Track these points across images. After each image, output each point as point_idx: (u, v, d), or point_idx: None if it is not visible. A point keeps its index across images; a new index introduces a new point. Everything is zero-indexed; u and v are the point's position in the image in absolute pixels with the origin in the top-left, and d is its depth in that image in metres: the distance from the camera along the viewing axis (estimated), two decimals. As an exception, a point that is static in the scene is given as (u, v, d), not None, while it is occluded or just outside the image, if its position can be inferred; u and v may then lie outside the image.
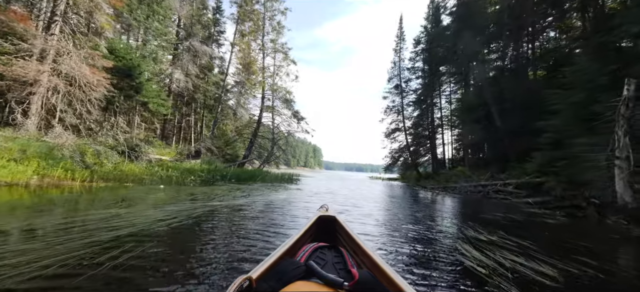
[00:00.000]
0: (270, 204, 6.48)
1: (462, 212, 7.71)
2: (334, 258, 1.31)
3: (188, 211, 4.79)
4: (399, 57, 29.40)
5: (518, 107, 14.34)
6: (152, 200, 6.32)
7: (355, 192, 12.31)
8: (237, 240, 3.39)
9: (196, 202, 5.99)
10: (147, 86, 14.35)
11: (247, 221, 4.48)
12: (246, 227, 4.07)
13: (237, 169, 16.21)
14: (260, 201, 6.84)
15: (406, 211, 7.37)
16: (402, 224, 5.37)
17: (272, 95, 26.67)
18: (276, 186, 12.23)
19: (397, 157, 29.67)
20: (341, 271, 1.19)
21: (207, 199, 6.61)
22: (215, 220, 4.42)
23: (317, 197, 8.82)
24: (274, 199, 7.35)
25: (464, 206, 9.22)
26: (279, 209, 5.97)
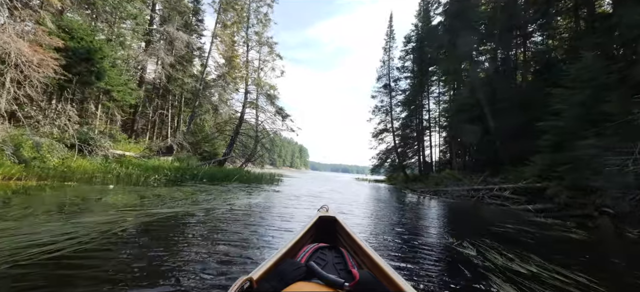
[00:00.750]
0: (235, 212, 5.27)
1: (463, 221, 6.77)
2: (334, 259, 1.30)
3: (109, 225, 3.53)
4: (389, 56, 28.67)
5: (513, 107, 13.71)
6: (79, 205, 5.00)
7: (340, 196, 11.24)
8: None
9: (137, 210, 4.72)
10: (111, 73, 12.75)
11: (185, 247, 3.02)
12: (178, 256, 2.70)
13: (213, 167, 14.82)
14: (224, 208, 5.62)
15: (398, 218, 6.35)
16: (396, 236, 4.32)
17: (256, 91, 25.36)
18: (253, 187, 10.98)
19: (385, 158, 28.92)
20: (342, 271, 1.17)
21: (157, 205, 5.33)
22: (137, 241, 3.19)
23: (297, 202, 7.68)
24: (244, 205, 6.14)
25: (462, 214, 8.30)
26: (245, 220, 4.78)
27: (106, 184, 8.02)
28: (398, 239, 4.27)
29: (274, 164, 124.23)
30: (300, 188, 13.33)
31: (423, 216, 7.32)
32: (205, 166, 13.57)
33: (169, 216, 4.46)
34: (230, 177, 12.19)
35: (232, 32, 23.74)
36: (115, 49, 13.93)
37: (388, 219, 6.18)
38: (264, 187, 11.66)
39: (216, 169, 13.56)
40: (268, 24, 24.81)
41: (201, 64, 21.19)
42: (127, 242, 3.02)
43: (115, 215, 4.13)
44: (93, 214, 4.21)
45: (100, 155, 9.99)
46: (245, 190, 9.35)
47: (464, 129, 16.68)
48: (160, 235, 3.42)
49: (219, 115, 23.37)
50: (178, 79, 21.63)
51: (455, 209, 8.96)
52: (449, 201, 11.50)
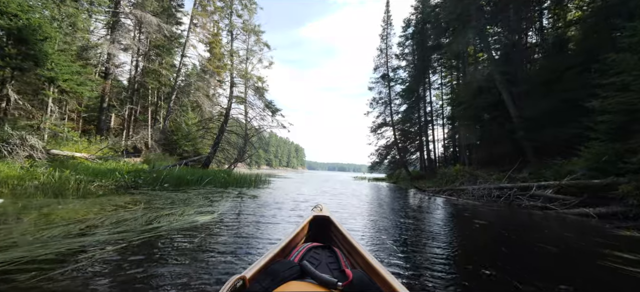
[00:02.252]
0: (135, 249, 3.06)
1: (521, 239, 4.59)
2: (327, 258, 1.30)
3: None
4: (386, 44, 26.49)
5: (539, 89, 11.62)
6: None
7: (339, 200, 9.06)
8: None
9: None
10: (56, 58, 10.42)
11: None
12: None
13: (186, 169, 12.52)
14: (136, 240, 3.39)
15: (429, 240, 4.17)
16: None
17: (245, 85, 23.12)
18: (226, 192, 8.75)
19: (385, 154, 26.77)
20: (335, 271, 1.17)
21: (39, 234, 3.10)
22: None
23: (278, 213, 5.50)
24: (182, 226, 3.93)
25: (507, 224, 6.13)
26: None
27: (18, 193, 5.75)
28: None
29: (270, 164, 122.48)
30: (288, 191, 11.11)
31: (462, 232, 5.16)
32: (175, 167, 11.29)
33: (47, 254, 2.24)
34: (201, 181, 9.94)
35: (214, 20, 21.44)
36: (63, 30, 11.59)
37: (419, 239, 4.01)
38: (243, 191, 9.42)
39: (189, 171, 11.29)
40: (254, 10, 22.59)
41: (180, 55, 18.84)
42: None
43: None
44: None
45: (23, 156, 7.68)
46: (211, 197, 7.11)
47: (476, 118, 14.59)
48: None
49: (201, 112, 21.04)
50: (154, 72, 19.28)
51: (489, 216, 6.81)
52: (471, 203, 9.37)
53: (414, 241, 3.97)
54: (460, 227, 5.52)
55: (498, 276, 2.62)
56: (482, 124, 14.72)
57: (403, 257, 3.13)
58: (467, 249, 3.80)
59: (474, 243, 4.19)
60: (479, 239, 4.49)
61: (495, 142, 14.31)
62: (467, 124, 15.55)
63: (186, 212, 4.71)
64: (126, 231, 3.39)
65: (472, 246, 3.99)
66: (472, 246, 3.99)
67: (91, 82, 13.24)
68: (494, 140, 14.26)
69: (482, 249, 3.92)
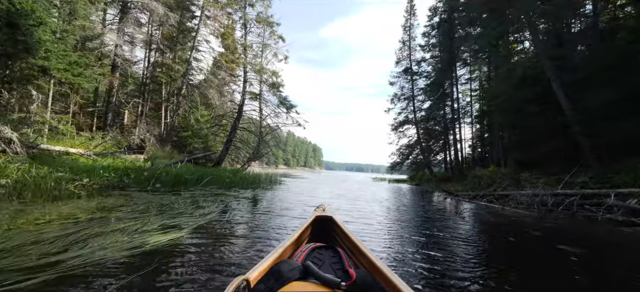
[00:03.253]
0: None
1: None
2: (331, 258, 1.30)
3: None
4: (409, 36, 24.60)
5: (603, 77, 9.60)
6: None
7: (357, 206, 7.61)
8: None
9: None
10: (52, 47, 9.67)
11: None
12: None
13: (188, 167, 11.48)
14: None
15: (498, 272, 2.64)
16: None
17: (259, 80, 22.12)
18: (229, 195, 7.52)
19: (407, 154, 24.87)
20: (338, 271, 1.20)
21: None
22: None
23: (277, 233, 4.16)
24: (100, 262, 2.66)
25: (612, 251, 4.46)
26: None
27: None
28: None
29: (288, 164, 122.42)
30: (300, 194, 9.78)
31: (542, 261, 3.59)
32: (177, 165, 10.25)
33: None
34: (200, 181, 8.79)
35: (227, 12, 20.54)
36: (61, 17, 10.87)
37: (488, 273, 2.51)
38: (245, 194, 8.19)
39: (193, 169, 10.21)
40: (269, 3, 21.55)
41: (190, 47, 18.02)
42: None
43: None
44: None
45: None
46: (202, 202, 5.85)
47: (519, 113, 12.60)
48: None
49: (212, 108, 20.20)
50: (164, 66, 18.61)
51: (561, 235, 5.13)
52: (522, 213, 7.61)
53: (482, 276, 2.48)
54: (533, 251, 3.92)
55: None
56: (523, 120, 12.71)
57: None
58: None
59: (566, 279, 2.63)
60: (569, 273, 2.91)
61: (540, 141, 12.29)
62: (505, 119, 13.55)
63: (148, 225, 3.44)
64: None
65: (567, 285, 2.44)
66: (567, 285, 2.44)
67: (95, 75, 12.55)
68: (539, 139, 12.24)
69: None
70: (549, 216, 7.24)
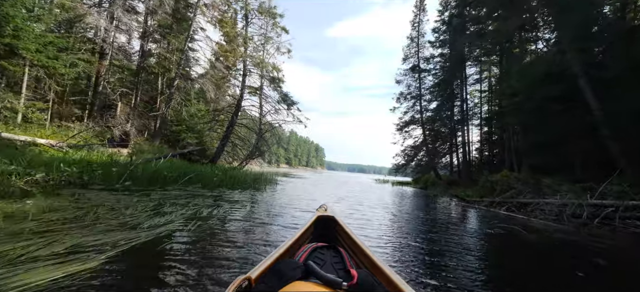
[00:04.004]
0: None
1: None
2: (332, 258, 1.29)
3: None
4: (418, 32, 23.42)
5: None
6: None
7: (361, 212, 6.52)
8: None
9: None
10: (21, 22, 8.65)
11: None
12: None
13: (170, 163, 10.45)
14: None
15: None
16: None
17: (260, 74, 21.12)
18: (210, 196, 6.44)
19: (413, 155, 23.71)
20: (340, 271, 1.17)
21: None
22: None
23: (238, 263, 3.09)
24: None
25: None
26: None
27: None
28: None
29: (290, 163, 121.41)
30: (296, 198, 8.72)
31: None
32: (160, 160, 9.22)
33: None
34: (180, 179, 7.72)
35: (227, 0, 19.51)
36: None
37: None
38: (230, 196, 7.12)
39: (180, 165, 9.16)
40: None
41: (185, 36, 16.97)
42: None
43: None
44: None
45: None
46: (171, 206, 4.77)
47: (539, 113, 11.44)
48: None
49: (207, 101, 19.19)
50: (158, 55, 17.64)
51: (626, 259, 4.02)
52: (553, 227, 6.47)
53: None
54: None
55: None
56: (544, 120, 11.56)
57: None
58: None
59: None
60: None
61: (563, 143, 11.14)
62: (523, 119, 12.37)
63: (50, 247, 2.36)
64: None
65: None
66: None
67: (77, 60, 11.57)
68: (562, 141, 11.09)
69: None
70: (583, 230, 6.11)
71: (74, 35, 11.98)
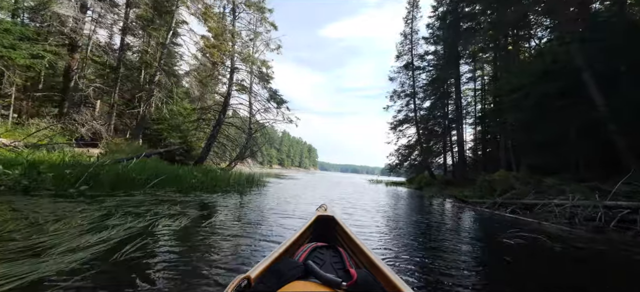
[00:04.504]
0: None
1: None
2: (332, 258, 1.27)
3: None
4: (411, 28, 22.88)
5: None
6: None
7: (359, 218, 5.75)
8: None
9: None
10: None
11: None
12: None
13: (138, 163, 9.51)
14: None
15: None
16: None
17: (249, 71, 20.23)
18: (171, 204, 5.53)
19: (407, 154, 23.12)
20: (339, 270, 1.16)
21: None
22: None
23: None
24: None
25: None
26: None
27: None
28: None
29: (282, 164, 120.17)
30: (283, 201, 7.92)
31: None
32: (132, 160, 8.29)
33: None
34: (148, 183, 6.81)
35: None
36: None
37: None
38: (207, 200, 6.27)
39: (146, 167, 8.24)
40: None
41: (166, 28, 15.95)
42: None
43: None
44: None
45: None
46: (119, 217, 3.88)
47: (540, 109, 10.91)
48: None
49: (192, 99, 18.21)
50: (138, 49, 16.60)
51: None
52: (574, 234, 5.82)
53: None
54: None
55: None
56: (543, 117, 11.04)
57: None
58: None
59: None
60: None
61: (565, 141, 10.64)
62: (521, 116, 11.82)
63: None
64: None
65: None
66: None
67: (45, 53, 10.54)
68: (564, 139, 10.58)
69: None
70: (601, 234, 5.48)
71: (43, 26, 10.91)
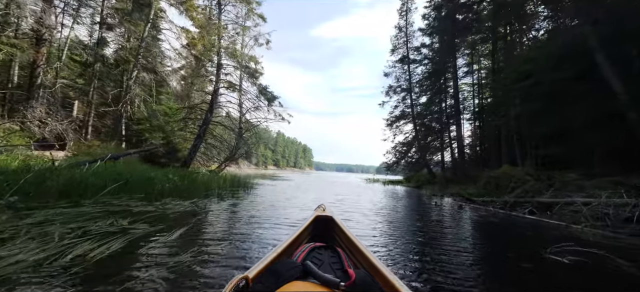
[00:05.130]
0: None
1: None
2: (330, 258, 1.27)
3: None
4: (406, 21, 22.00)
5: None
6: None
7: (357, 223, 4.76)
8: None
9: None
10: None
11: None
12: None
13: (130, 168, 8.39)
14: None
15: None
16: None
17: (237, 66, 19.14)
18: (118, 217, 4.45)
19: (405, 152, 22.23)
20: (338, 271, 1.16)
21: None
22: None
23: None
24: None
25: None
26: None
27: None
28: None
29: (278, 165, 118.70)
30: (270, 207, 6.90)
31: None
32: (95, 163, 7.18)
33: None
34: (117, 185, 5.73)
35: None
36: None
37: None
38: (174, 209, 5.20)
39: (109, 171, 7.12)
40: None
41: (146, 22, 14.74)
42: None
43: None
44: None
45: None
46: (21, 244, 2.85)
47: (551, 99, 10.06)
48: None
49: (174, 95, 17.05)
50: (116, 44, 15.40)
51: None
52: (624, 241, 4.90)
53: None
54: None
55: None
56: (555, 106, 10.20)
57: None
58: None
59: None
60: None
61: (578, 132, 9.79)
62: (533, 106, 10.95)
63: None
64: None
65: None
66: None
67: (2, 45, 9.35)
68: (577, 130, 9.74)
69: None
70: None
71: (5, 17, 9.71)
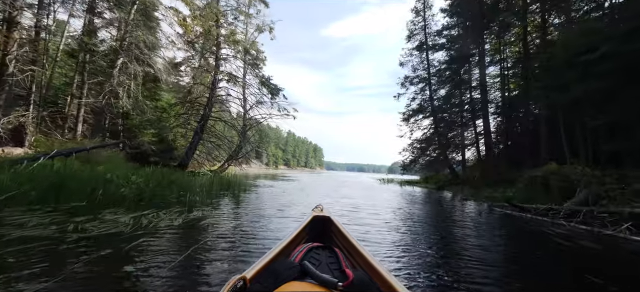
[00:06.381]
0: None
1: None
2: (328, 258, 1.24)
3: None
4: (424, 3, 19.75)
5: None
6: None
7: (373, 244, 2.91)
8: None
9: None
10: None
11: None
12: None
13: (88, 169, 6.75)
14: None
15: None
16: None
17: (239, 56, 17.53)
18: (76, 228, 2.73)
19: (424, 149, 19.97)
20: (335, 271, 1.12)
21: None
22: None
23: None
24: None
25: None
26: None
27: None
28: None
29: (288, 164, 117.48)
30: (266, 213, 5.07)
31: None
32: (38, 160, 5.57)
33: None
34: (28, 194, 4.03)
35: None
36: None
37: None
38: (123, 222, 3.44)
39: (61, 172, 5.47)
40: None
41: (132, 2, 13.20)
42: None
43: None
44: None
45: None
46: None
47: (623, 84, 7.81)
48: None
49: (165, 86, 15.48)
50: (99, 27, 13.94)
51: None
52: None
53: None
54: None
55: None
56: (627, 86, 7.97)
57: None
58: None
59: None
60: None
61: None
62: (598, 86, 8.65)
63: None
64: None
65: None
66: None
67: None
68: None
69: None
70: None
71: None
